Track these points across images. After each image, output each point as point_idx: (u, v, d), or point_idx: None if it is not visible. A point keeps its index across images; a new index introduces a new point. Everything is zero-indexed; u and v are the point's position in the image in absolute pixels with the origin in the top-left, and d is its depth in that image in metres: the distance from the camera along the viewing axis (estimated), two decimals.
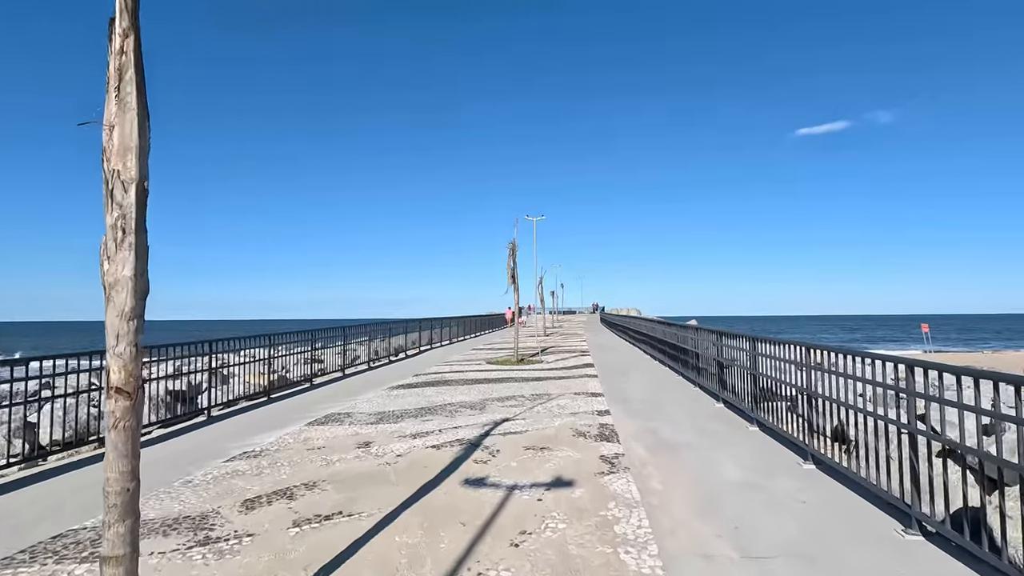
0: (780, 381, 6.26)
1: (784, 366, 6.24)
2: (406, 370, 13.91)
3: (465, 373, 12.94)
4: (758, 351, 7.04)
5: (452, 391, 10.25)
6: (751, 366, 7.21)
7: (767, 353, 6.71)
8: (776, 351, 6.46)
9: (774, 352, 6.51)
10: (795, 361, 5.89)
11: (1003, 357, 40.71)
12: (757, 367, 7.06)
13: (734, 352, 8.04)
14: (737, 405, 7.95)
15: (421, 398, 9.51)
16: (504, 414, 7.98)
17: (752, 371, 7.18)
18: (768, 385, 6.79)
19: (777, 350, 6.45)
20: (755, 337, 7.20)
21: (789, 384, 5.98)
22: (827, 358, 5.29)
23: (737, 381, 8.01)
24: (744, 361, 7.57)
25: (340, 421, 7.70)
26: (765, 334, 7.40)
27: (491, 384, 11.10)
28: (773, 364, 6.52)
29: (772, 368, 6.55)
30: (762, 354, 6.88)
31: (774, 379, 6.47)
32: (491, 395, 9.73)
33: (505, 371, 13.26)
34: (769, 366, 6.61)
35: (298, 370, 11.74)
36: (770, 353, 6.60)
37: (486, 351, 19.52)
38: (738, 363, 7.80)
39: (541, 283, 29.80)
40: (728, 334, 8.39)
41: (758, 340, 7.11)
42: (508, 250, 15.23)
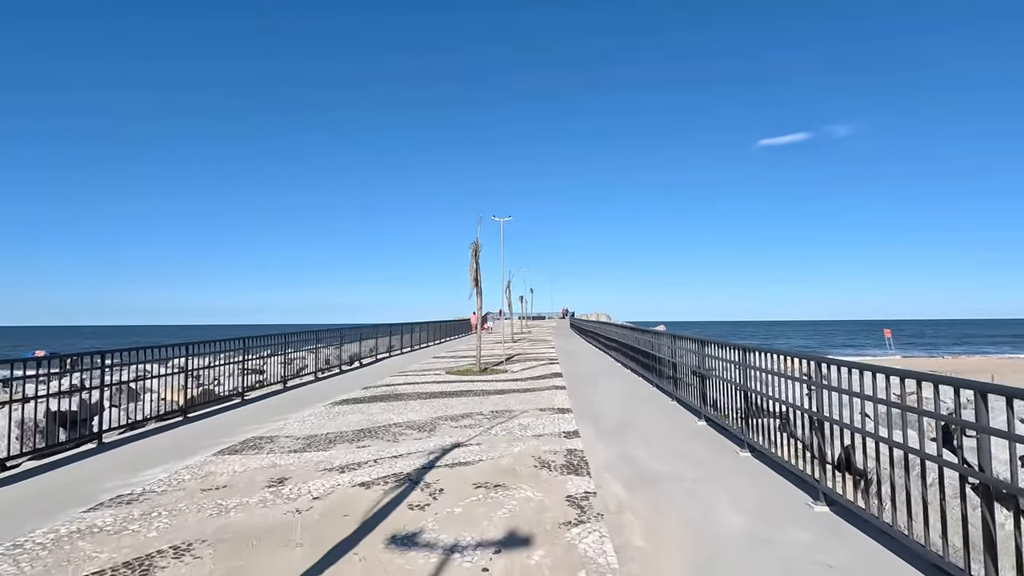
0: (780, 401, 5.28)
1: (782, 382, 5.29)
2: (356, 382, 12.61)
3: (420, 385, 11.73)
4: (750, 363, 6.07)
5: (401, 408, 9.04)
6: (741, 381, 6.24)
7: (762, 367, 5.74)
8: (774, 364, 5.50)
9: (771, 365, 5.54)
10: (799, 377, 4.93)
11: (964, 362, 41.42)
12: (749, 382, 6.09)
13: (719, 364, 7.08)
14: (722, 424, 6.99)
15: (364, 417, 8.28)
16: (456, 437, 6.83)
17: (743, 386, 6.21)
18: (762, 403, 5.83)
19: (775, 363, 5.48)
20: (747, 347, 6.24)
21: (795, 407, 4.99)
22: (839, 374, 4.32)
23: (722, 396, 7.05)
24: (732, 374, 6.60)
25: (258, 448, 6.43)
26: (759, 344, 6.45)
27: (447, 399, 9.93)
28: (770, 380, 5.56)
29: (768, 384, 5.58)
30: (755, 367, 5.91)
31: (770, 398, 5.50)
32: (445, 412, 8.56)
33: (465, 383, 12.10)
34: (765, 382, 5.64)
35: (232, 382, 10.37)
36: (767, 367, 5.63)
37: (448, 359, 18.31)
38: (725, 377, 6.83)
39: (509, 287, 28.75)
40: (712, 343, 7.43)
41: (750, 351, 6.15)
42: (471, 251, 14.10)
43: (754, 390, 5.94)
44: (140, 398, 8.94)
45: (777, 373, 5.39)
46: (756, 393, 5.90)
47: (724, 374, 6.92)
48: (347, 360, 16.93)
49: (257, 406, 9.59)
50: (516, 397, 10.02)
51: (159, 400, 8.72)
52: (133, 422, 7.90)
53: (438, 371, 14.48)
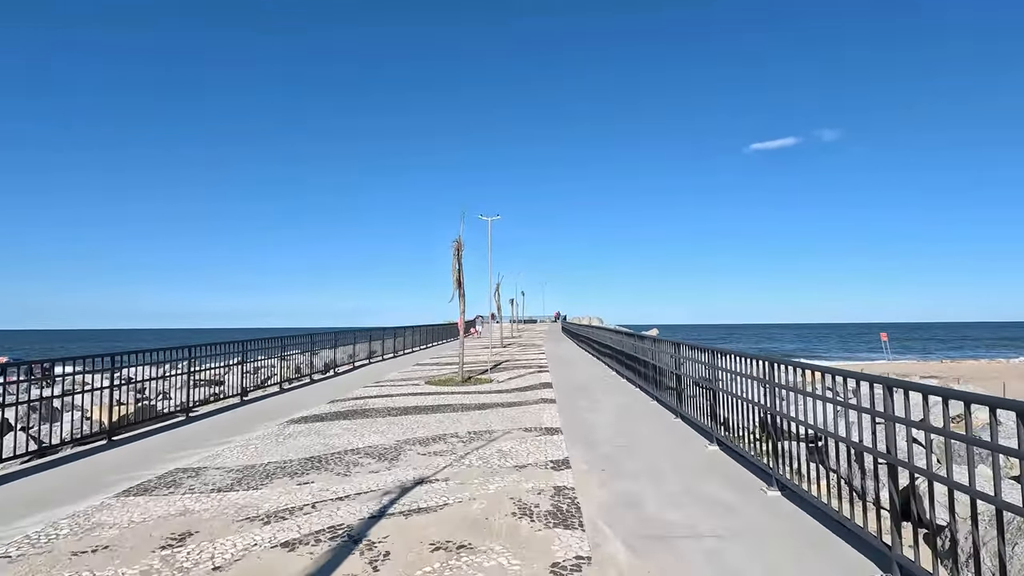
0: (826, 433, 4.16)
1: (814, 404, 4.19)
2: (324, 394, 11.40)
3: (394, 398, 10.54)
4: (779, 380, 4.96)
5: (366, 427, 7.86)
6: (768, 402, 5.12)
7: (795, 385, 4.62)
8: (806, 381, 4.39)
9: (803, 383, 4.43)
10: (862, 406, 3.82)
11: (960, 366, 40.70)
12: (778, 405, 4.97)
13: (735, 379, 5.96)
14: (739, 451, 5.86)
15: (318, 440, 7.09)
16: (422, 469, 5.67)
17: (770, 409, 5.09)
18: (795, 428, 4.72)
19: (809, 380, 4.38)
20: (773, 360, 5.12)
21: (855, 444, 3.86)
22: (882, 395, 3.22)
23: (738, 416, 5.94)
24: (753, 392, 5.48)
25: (176, 486, 5.23)
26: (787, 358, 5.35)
27: (420, 416, 8.75)
28: (808, 406, 4.46)
29: (805, 412, 4.47)
30: (786, 386, 4.80)
31: (810, 426, 4.39)
32: (415, 434, 7.39)
33: (444, 395, 10.92)
34: (802, 409, 4.53)
35: (181, 396, 9.15)
36: (798, 384, 4.52)
37: (430, 367, 17.12)
38: (744, 396, 5.72)
39: (498, 290, 27.56)
40: (726, 353, 6.32)
41: (777, 363, 5.03)
42: (452, 250, 12.95)
43: (785, 414, 4.82)
44: (61, 417, 7.71)
45: (817, 396, 4.29)
46: (787, 418, 4.78)
47: (741, 391, 5.80)
48: (322, 368, 15.72)
49: (201, 425, 8.36)
50: (499, 413, 8.86)
51: (83, 420, 7.51)
52: (44, 447, 6.66)
53: (417, 381, 13.28)
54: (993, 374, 32.79)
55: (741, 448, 5.81)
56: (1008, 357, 54.42)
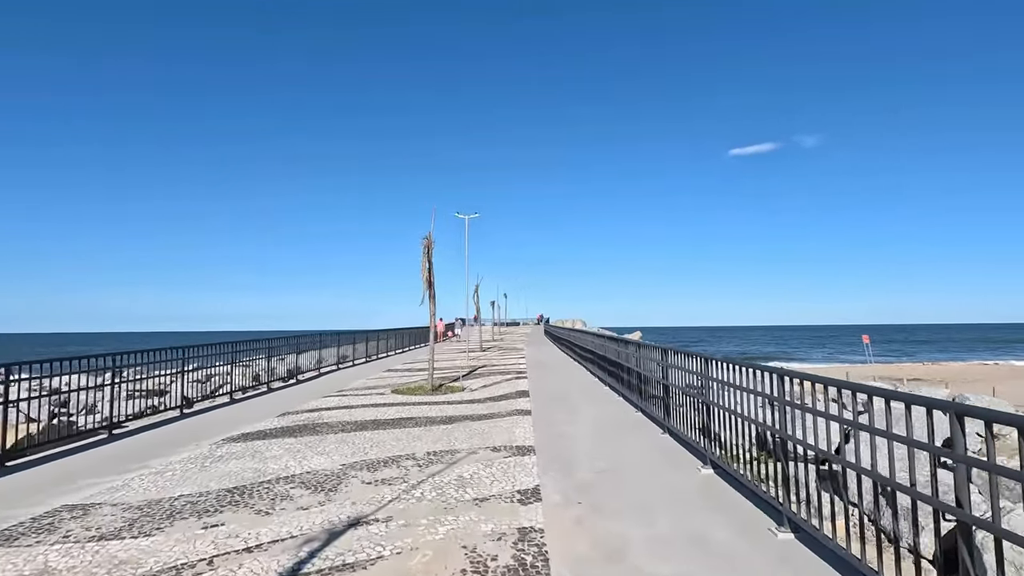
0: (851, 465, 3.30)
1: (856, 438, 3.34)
2: (277, 405, 10.35)
3: (353, 411, 9.54)
4: (787, 397, 4.09)
5: (312, 447, 6.87)
6: (779, 424, 4.25)
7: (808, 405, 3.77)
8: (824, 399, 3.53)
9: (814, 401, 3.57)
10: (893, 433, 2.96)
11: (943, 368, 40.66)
12: (788, 426, 4.11)
13: (735, 394, 5.10)
14: (739, 478, 5.00)
15: (252, 464, 6.09)
16: (362, 505, 4.70)
17: (780, 432, 4.22)
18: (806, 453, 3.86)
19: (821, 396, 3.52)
20: (784, 373, 4.25)
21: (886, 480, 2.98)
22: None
23: (736, 436, 5.08)
24: (758, 412, 4.62)
25: (50, 530, 4.21)
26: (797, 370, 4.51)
27: (377, 432, 7.77)
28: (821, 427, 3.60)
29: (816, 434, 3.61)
30: (800, 406, 3.93)
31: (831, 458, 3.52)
32: (365, 455, 6.41)
33: (409, 406, 9.95)
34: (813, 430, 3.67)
35: (110, 409, 8.06)
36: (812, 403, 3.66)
37: (401, 373, 16.10)
38: (749, 416, 4.85)
39: (477, 291, 26.60)
40: (725, 363, 5.45)
41: (787, 376, 4.17)
42: (422, 247, 11.97)
43: (798, 439, 3.96)
44: None
45: (843, 421, 3.43)
46: (800, 443, 3.92)
47: (740, 406, 4.94)
48: (284, 375, 14.63)
49: (121, 445, 7.29)
50: (467, 428, 7.92)
51: None
52: None
53: (383, 389, 12.27)
54: (978, 376, 32.65)
55: (742, 476, 4.94)
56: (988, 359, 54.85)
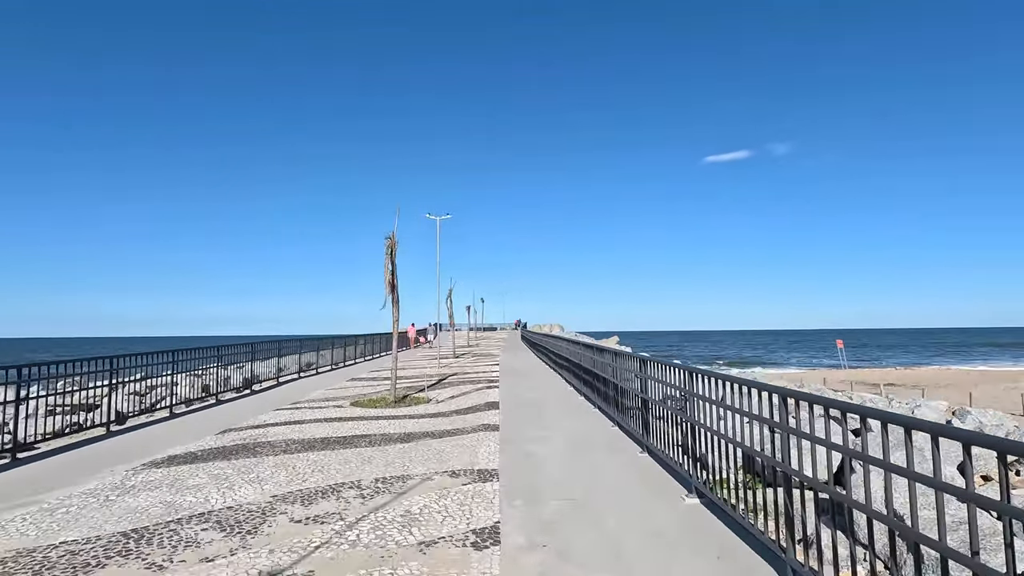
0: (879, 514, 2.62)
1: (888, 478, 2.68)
2: (220, 420, 9.41)
3: (303, 426, 8.66)
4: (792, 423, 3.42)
5: (244, 473, 6.00)
6: (783, 456, 3.57)
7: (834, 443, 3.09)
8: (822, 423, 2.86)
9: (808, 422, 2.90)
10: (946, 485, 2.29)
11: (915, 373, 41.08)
12: (796, 461, 3.43)
13: (725, 415, 4.42)
14: (730, 512, 4.31)
15: (165, 496, 5.21)
16: (281, 553, 3.88)
17: (785, 468, 3.54)
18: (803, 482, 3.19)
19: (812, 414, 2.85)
20: (786, 393, 3.57)
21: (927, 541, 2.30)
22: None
23: (726, 460, 4.40)
24: (758, 439, 3.94)
25: None
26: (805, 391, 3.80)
27: (324, 452, 6.93)
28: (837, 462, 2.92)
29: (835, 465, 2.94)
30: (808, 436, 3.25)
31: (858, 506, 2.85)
32: (303, 483, 5.58)
33: (366, 421, 9.10)
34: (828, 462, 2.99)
35: (14, 429, 7.07)
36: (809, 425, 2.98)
37: (366, 383, 15.20)
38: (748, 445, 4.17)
39: (451, 295, 25.76)
40: (708, 376, 4.77)
41: (791, 397, 3.50)
42: (385, 247, 11.14)
43: (809, 478, 3.29)
44: None
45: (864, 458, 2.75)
46: (815, 485, 3.25)
47: (735, 431, 4.27)
48: (239, 385, 13.63)
49: (22, 472, 6.32)
50: (425, 447, 7.13)
51: None
52: None
53: (342, 401, 11.38)
54: (950, 381, 32.95)
55: (734, 509, 4.26)
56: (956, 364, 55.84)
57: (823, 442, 3.12)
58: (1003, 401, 22.74)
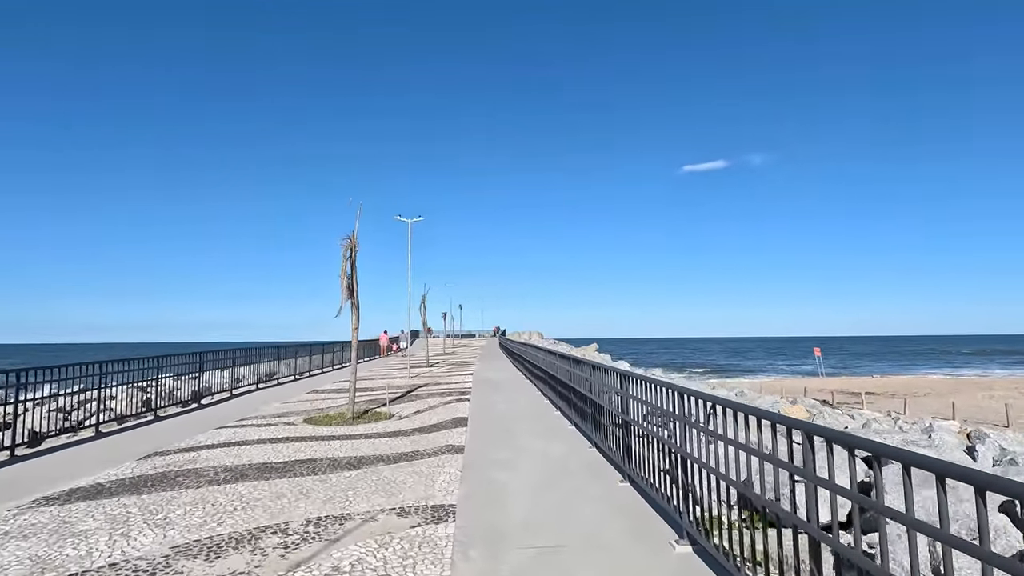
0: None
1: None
2: (150, 441, 8.33)
3: (241, 449, 7.65)
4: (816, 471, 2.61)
5: (154, 510, 5.01)
6: (808, 514, 2.74)
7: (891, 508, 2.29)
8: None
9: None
10: None
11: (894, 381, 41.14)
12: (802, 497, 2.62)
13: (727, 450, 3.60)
14: (729, 567, 3.49)
15: (34, 550, 4.19)
16: None
17: (813, 532, 2.72)
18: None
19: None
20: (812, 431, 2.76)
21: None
22: None
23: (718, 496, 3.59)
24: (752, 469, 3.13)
25: None
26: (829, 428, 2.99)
27: (256, 483, 5.96)
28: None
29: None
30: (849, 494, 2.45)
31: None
32: (215, 528, 4.61)
33: (316, 441, 8.12)
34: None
35: None
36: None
37: (327, 395, 14.16)
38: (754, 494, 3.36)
39: (424, 302, 24.77)
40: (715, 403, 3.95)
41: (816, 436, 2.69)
42: (343, 249, 10.19)
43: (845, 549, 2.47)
44: None
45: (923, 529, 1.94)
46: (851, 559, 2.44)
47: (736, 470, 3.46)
48: (187, 397, 12.50)
49: None
50: (375, 476, 6.20)
51: None
52: None
53: (296, 417, 10.37)
54: (927, 389, 32.90)
55: (734, 562, 3.43)
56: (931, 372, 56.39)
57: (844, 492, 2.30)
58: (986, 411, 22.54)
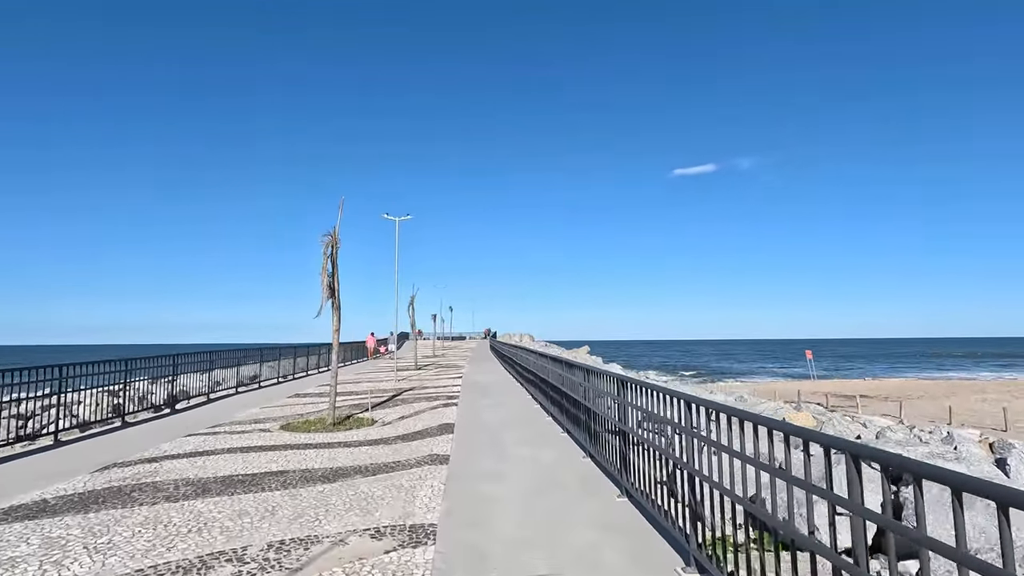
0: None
1: None
2: (112, 450, 7.76)
3: (207, 459, 7.09)
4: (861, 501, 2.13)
5: (98, 531, 4.47)
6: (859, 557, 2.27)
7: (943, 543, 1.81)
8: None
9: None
10: None
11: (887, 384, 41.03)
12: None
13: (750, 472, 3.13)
14: None
15: None
16: None
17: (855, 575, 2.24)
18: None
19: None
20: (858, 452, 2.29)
21: None
22: None
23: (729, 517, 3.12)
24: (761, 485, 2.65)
25: None
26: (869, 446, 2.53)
27: (219, 499, 5.42)
28: None
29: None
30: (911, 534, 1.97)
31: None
32: (162, 555, 4.08)
33: (291, 451, 7.59)
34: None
35: None
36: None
37: (310, 399, 13.60)
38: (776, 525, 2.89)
39: (412, 303, 24.22)
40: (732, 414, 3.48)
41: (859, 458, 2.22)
42: (323, 247, 9.65)
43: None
44: None
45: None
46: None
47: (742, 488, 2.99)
48: (162, 401, 11.91)
49: None
50: (351, 490, 5.68)
51: None
52: None
53: (271, 423, 9.80)
54: (920, 392, 32.75)
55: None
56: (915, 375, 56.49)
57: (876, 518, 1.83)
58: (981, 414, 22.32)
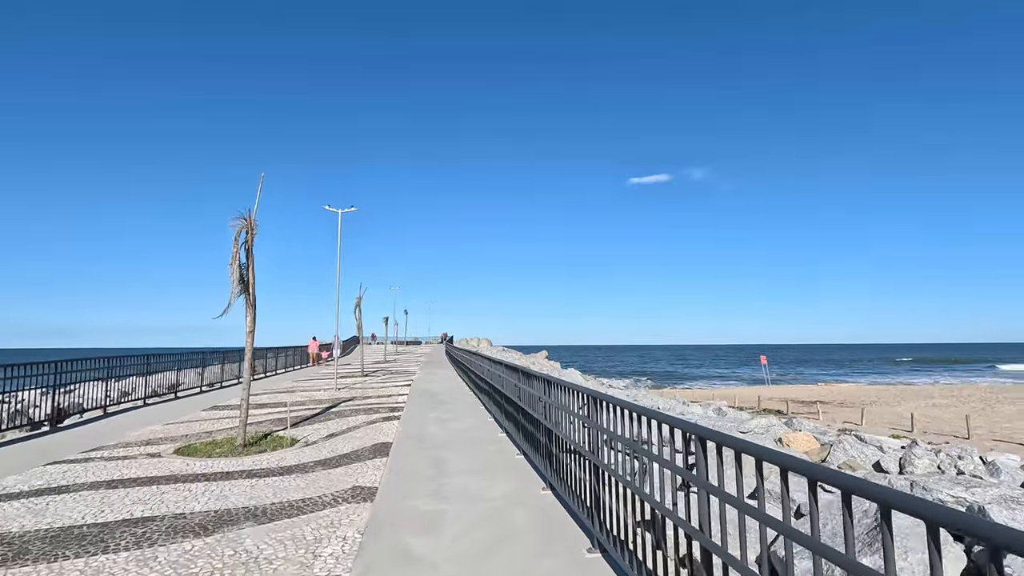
0: None
1: None
2: None
3: (55, 500, 5.44)
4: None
5: None
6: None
7: None
8: None
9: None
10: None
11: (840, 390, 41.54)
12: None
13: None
14: None
15: None
16: None
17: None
18: None
19: None
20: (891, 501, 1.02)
21: None
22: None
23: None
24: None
25: None
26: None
27: (35, 567, 3.85)
28: None
29: None
30: None
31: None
32: None
33: (175, 484, 5.99)
34: None
35: None
36: None
37: (226, 413, 11.85)
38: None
39: (359, 304, 22.47)
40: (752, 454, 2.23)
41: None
42: (235, 232, 8.06)
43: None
44: None
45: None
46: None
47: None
48: (45, 416, 9.99)
49: None
50: (229, 548, 4.19)
51: None
52: None
53: (166, 445, 8.11)
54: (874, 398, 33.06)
55: None
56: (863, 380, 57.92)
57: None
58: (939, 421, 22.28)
